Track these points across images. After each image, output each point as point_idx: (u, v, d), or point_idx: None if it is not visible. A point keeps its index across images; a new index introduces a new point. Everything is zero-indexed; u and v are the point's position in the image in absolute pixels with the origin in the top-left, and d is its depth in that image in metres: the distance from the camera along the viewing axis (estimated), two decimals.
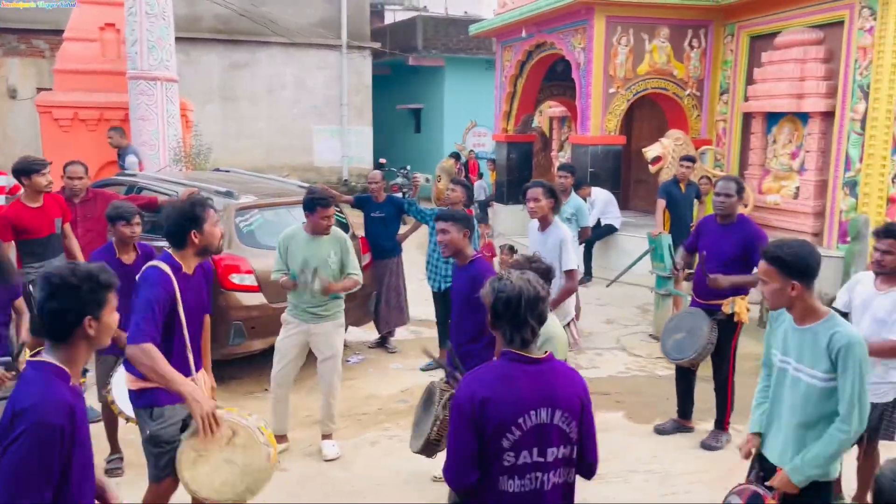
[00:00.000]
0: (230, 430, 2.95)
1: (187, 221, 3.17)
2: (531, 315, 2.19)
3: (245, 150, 15.83)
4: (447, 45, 18.30)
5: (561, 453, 2.21)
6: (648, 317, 7.87)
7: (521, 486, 2.18)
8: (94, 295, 2.05)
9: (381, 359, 6.71)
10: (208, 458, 2.91)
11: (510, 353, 2.22)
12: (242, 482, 2.90)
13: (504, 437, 2.14)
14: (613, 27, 9.89)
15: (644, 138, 11.76)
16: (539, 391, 2.17)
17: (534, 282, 2.23)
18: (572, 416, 2.21)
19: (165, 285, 3.09)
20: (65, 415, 1.94)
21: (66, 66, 9.85)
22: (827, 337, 2.66)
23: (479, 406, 2.13)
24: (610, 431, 5.10)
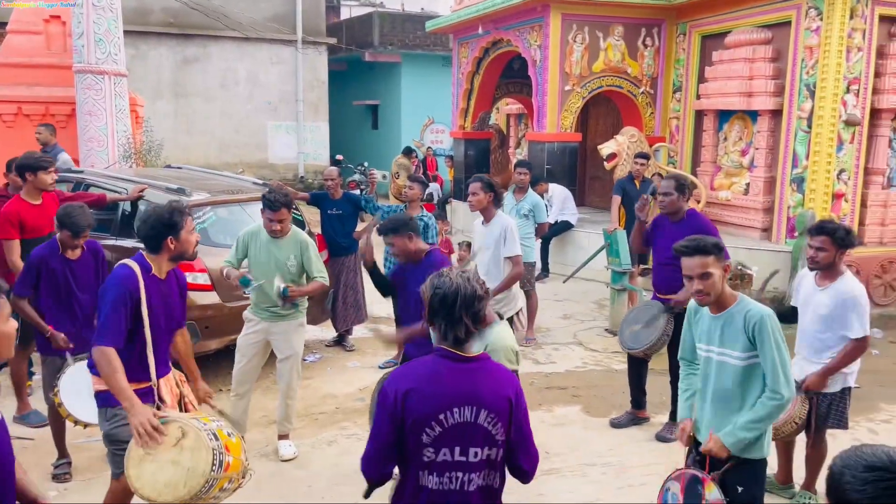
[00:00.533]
0: (180, 432, 2.90)
1: (165, 228, 3.17)
2: (466, 313, 2.16)
3: (198, 146, 15.54)
4: (404, 41, 18.23)
5: (485, 454, 2.17)
6: (605, 312, 7.97)
7: (440, 483, 2.15)
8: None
9: (338, 357, 6.65)
10: (155, 457, 2.88)
11: (441, 349, 2.20)
12: (185, 485, 2.84)
13: (424, 433, 2.12)
14: (569, 25, 9.97)
15: (599, 135, 11.91)
16: (463, 389, 2.15)
17: (472, 280, 2.21)
18: (498, 418, 2.17)
19: (131, 286, 3.10)
20: None
21: (9, 59, 9.51)
22: (742, 317, 2.88)
23: (401, 398, 2.12)
24: (567, 425, 5.15)
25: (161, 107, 14.89)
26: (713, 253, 2.89)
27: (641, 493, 4.21)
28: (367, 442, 2.22)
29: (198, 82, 15.84)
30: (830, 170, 8.00)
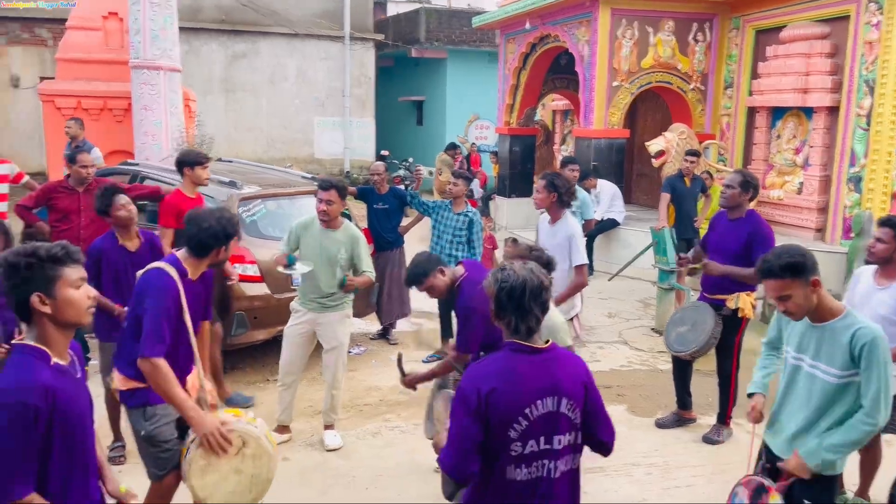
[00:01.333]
0: (240, 440, 2.94)
1: (224, 238, 3.15)
2: (535, 304, 2.19)
3: (247, 141, 15.82)
4: (450, 36, 18.23)
5: (567, 440, 2.23)
6: (650, 311, 7.87)
7: (528, 473, 2.19)
8: (36, 271, 2.03)
9: (382, 350, 6.71)
10: (218, 467, 2.90)
11: (513, 343, 2.22)
12: (251, 492, 2.89)
13: (511, 428, 2.15)
14: (618, 20, 9.85)
15: (648, 132, 11.74)
16: (544, 381, 2.18)
17: (536, 271, 2.24)
18: (577, 403, 2.23)
19: (172, 292, 3.03)
20: (39, 395, 1.97)
21: (69, 54, 9.82)
22: (848, 334, 2.66)
23: (484, 399, 2.13)
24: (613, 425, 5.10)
25: (212, 102, 15.20)
26: (786, 276, 2.64)
27: (687, 495, 4.16)
28: (447, 444, 2.22)
29: (247, 78, 16.12)
30: (890, 169, 7.73)
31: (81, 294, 2.10)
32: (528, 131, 13.09)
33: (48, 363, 2.05)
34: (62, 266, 2.07)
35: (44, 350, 2.06)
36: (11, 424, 1.92)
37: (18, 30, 14.16)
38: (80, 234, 5.48)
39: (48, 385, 1.99)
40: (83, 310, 2.11)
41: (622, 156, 10.60)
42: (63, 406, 2.02)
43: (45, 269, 2.04)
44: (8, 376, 2.01)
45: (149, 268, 3.13)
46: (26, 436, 1.94)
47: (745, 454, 3.14)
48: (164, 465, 3.13)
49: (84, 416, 2.13)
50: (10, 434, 1.92)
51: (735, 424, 4.94)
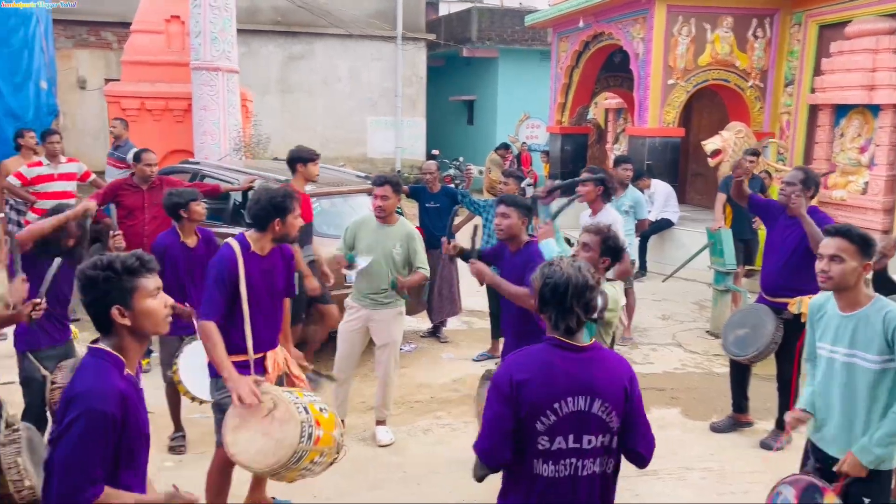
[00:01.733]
0: (272, 403, 3.03)
1: (274, 210, 3.34)
2: (578, 303, 2.17)
3: (301, 140, 15.83)
4: (502, 36, 18.20)
5: (599, 442, 2.20)
6: (706, 313, 7.72)
7: (556, 470, 2.18)
8: (114, 284, 2.04)
9: (433, 348, 6.75)
10: (248, 426, 3.02)
11: (553, 339, 2.22)
12: (274, 455, 2.96)
13: (538, 421, 2.15)
14: (674, 17, 9.68)
15: (703, 131, 11.50)
16: (577, 379, 2.17)
17: (584, 270, 2.22)
18: (613, 406, 2.19)
19: (230, 265, 3.30)
20: (116, 403, 1.99)
21: (134, 57, 10.15)
22: (880, 318, 2.71)
23: (516, 387, 2.15)
24: (665, 428, 5.03)
25: (268, 102, 15.50)
26: (857, 243, 2.74)
27: (744, 501, 4.07)
28: (481, 430, 2.25)
29: (302, 78, 16.39)
30: None
31: (158, 303, 2.12)
32: (580, 130, 12.97)
33: (122, 372, 2.08)
34: (138, 277, 2.08)
35: (120, 359, 2.08)
36: (88, 431, 1.94)
37: (85, 33, 14.70)
38: (144, 230, 5.69)
39: (123, 393, 2.02)
40: (161, 319, 2.14)
41: (677, 155, 10.42)
42: (132, 415, 2.06)
43: (122, 281, 2.05)
44: (86, 380, 2.02)
45: (222, 244, 3.42)
46: (102, 441, 1.97)
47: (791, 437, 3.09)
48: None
49: (145, 427, 2.17)
50: (88, 439, 1.94)
51: (795, 431, 4.80)
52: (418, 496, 4.09)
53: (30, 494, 2.79)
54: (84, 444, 1.94)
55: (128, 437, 2.06)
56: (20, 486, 2.79)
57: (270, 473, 3.07)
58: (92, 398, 1.97)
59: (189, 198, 4.44)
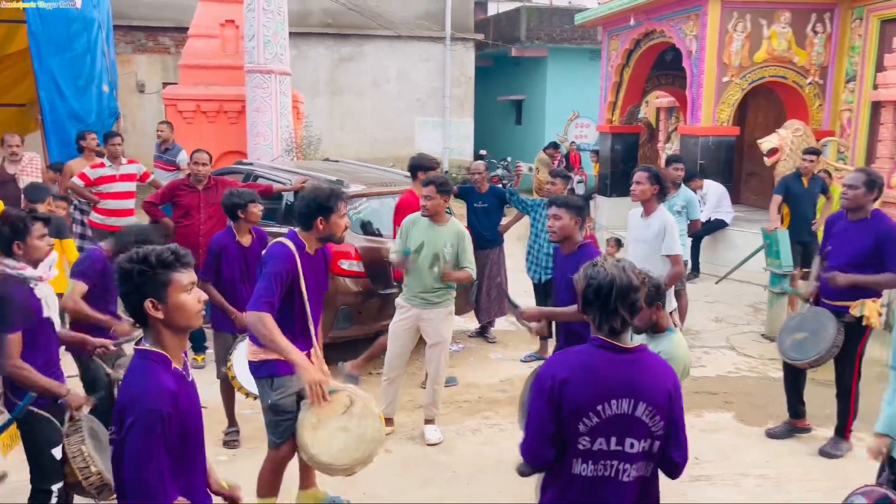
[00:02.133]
0: (348, 399, 3.07)
1: (319, 209, 3.35)
2: (622, 304, 2.14)
3: (351, 141, 16.25)
4: (551, 35, 18.07)
5: (642, 446, 2.16)
6: (761, 316, 7.53)
7: (595, 471, 2.16)
8: (148, 278, 2.06)
9: (481, 348, 6.75)
10: (327, 424, 3.04)
11: (597, 339, 2.19)
12: (357, 450, 3.00)
13: (580, 422, 2.13)
14: (729, 13, 9.46)
15: (759, 129, 11.21)
16: (622, 381, 2.14)
17: (629, 270, 2.18)
18: (657, 411, 2.16)
19: (288, 261, 3.28)
20: (167, 401, 2.03)
21: (190, 61, 10.43)
22: None
23: (558, 386, 2.14)
24: (718, 432, 4.93)
25: (319, 104, 15.71)
26: None
27: None
28: (525, 429, 2.26)
29: (352, 80, 16.57)
30: None
31: (192, 298, 2.12)
32: (630, 129, 12.79)
33: (169, 368, 2.10)
34: (172, 271, 2.08)
35: (164, 355, 2.11)
36: (147, 434, 1.98)
37: (144, 38, 15.14)
38: (200, 229, 5.84)
39: (173, 390, 2.06)
40: (193, 314, 2.13)
41: (731, 154, 10.18)
42: (184, 410, 2.09)
43: (156, 275, 2.06)
44: (136, 383, 2.06)
45: (270, 243, 3.40)
46: (161, 442, 2.00)
47: (865, 469, 2.96)
48: (282, 434, 3.33)
49: (198, 419, 2.20)
50: (149, 444, 1.98)
51: (855, 438, 4.65)
52: (467, 496, 4.09)
53: (97, 480, 2.90)
54: (147, 449, 1.97)
55: (181, 429, 2.10)
56: (87, 472, 2.90)
57: (348, 471, 3.08)
58: (144, 400, 2.01)
59: (248, 199, 4.54)
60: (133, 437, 1.98)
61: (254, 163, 7.61)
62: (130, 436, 1.98)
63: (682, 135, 10.82)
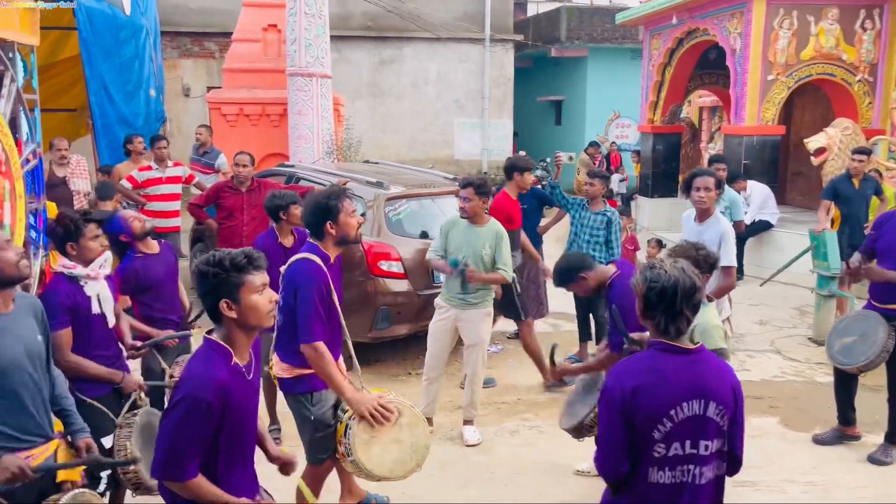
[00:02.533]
0: (396, 411, 3.08)
1: (323, 213, 3.26)
2: (687, 305, 2.13)
3: (391, 143, 16.36)
4: (591, 34, 17.93)
5: (715, 446, 2.15)
6: (807, 319, 7.35)
7: (672, 477, 2.14)
8: (222, 280, 2.19)
9: (519, 350, 6.70)
10: (380, 439, 3.02)
11: (661, 343, 2.17)
12: (412, 459, 3.01)
13: (655, 429, 2.11)
14: (775, 10, 9.27)
15: (806, 128, 10.96)
16: (691, 382, 2.13)
17: (688, 271, 2.17)
18: (726, 409, 2.15)
19: (320, 278, 3.20)
20: (214, 392, 2.14)
21: (234, 65, 10.61)
22: None
23: (629, 397, 2.11)
24: (763, 437, 4.83)
25: (359, 106, 15.85)
26: None
27: None
28: (598, 444, 2.23)
29: (392, 82, 16.68)
30: None
31: (264, 299, 2.26)
32: (672, 129, 12.62)
33: (228, 362, 2.23)
34: (245, 274, 2.22)
35: (228, 349, 2.24)
36: (187, 415, 2.12)
37: (189, 43, 15.48)
38: (243, 230, 5.95)
39: (224, 383, 2.17)
40: (265, 314, 2.26)
41: (776, 154, 9.98)
42: (235, 404, 2.20)
43: (230, 277, 2.20)
44: (193, 368, 2.23)
45: (293, 259, 3.32)
46: (199, 426, 2.13)
47: None
48: (326, 449, 3.27)
49: (251, 414, 2.32)
50: (185, 423, 2.12)
51: None
52: (505, 497, 4.09)
53: (134, 477, 2.98)
54: (181, 426, 2.13)
55: (229, 425, 2.19)
56: (125, 468, 2.98)
57: (403, 478, 3.09)
58: (193, 384, 2.16)
59: (289, 200, 4.61)
60: (174, 413, 2.14)
61: (295, 165, 7.72)
62: (172, 411, 2.15)
63: (725, 134, 10.64)
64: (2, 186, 3.93)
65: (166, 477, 2.17)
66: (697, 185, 4.50)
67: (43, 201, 4.75)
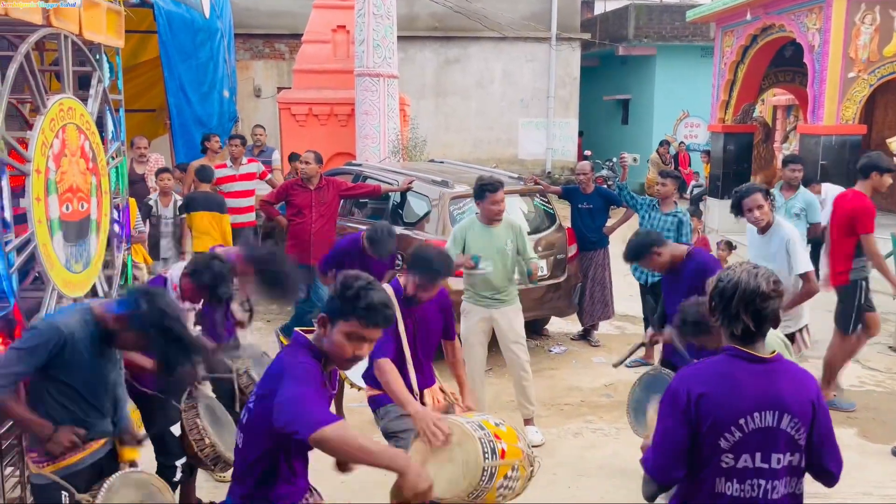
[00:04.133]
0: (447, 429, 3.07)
1: (441, 273, 3.43)
2: (744, 310, 2.04)
3: (455, 143, 16.44)
4: (660, 32, 17.59)
5: (787, 460, 2.06)
6: (889, 327, 7.03)
7: (741, 490, 2.06)
8: (348, 305, 2.16)
9: (583, 351, 6.67)
10: (434, 458, 2.97)
11: (733, 349, 2.10)
12: (465, 478, 2.91)
13: (722, 438, 2.04)
14: (856, 4, 8.89)
15: (889, 127, 10.51)
16: (764, 392, 2.04)
17: (760, 276, 2.06)
18: (802, 422, 2.05)
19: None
20: (318, 379, 2.17)
21: (303, 66, 10.86)
22: None
23: (694, 401, 2.05)
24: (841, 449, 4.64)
25: (424, 106, 15.98)
26: None
27: None
28: (653, 443, 2.17)
29: (457, 82, 16.74)
30: None
31: (352, 349, 2.18)
32: (744, 128, 12.25)
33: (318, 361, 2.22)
34: (370, 326, 2.15)
35: (317, 348, 2.23)
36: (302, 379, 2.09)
37: (261, 45, 15.92)
38: (311, 227, 6.09)
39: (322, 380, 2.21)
40: (343, 360, 2.22)
41: (856, 155, 9.52)
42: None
43: (355, 308, 2.14)
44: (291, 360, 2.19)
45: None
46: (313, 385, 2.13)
47: None
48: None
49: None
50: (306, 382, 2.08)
51: None
52: (568, 498, 4.06)
53: (211, 452, 3.13)
54: (303, 389, 2.06)
55: None
56: (202, 444, 3.11)
57: (469, 499, 2.98)
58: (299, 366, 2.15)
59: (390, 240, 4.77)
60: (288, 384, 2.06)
61: (362, 164, 7.85)
62: (285, 385, 2.06)
63: (801, 134, 10.27)
64: (89, 182, 4.14)
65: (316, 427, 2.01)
66: (749, 207, 4.33)
67: (125, 197, 4.98)
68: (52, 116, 3.71)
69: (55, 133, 3.76)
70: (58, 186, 3.78)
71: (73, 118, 3.95)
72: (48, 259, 3.67)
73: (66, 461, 2.59)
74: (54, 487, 2.57)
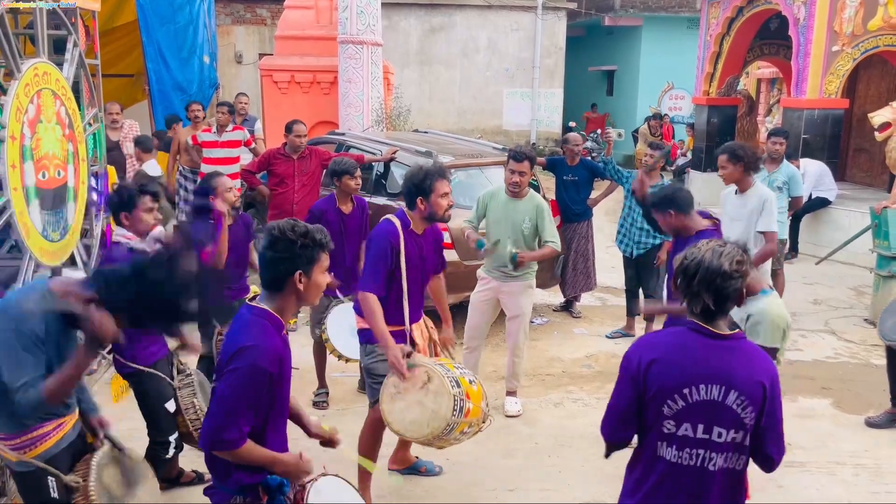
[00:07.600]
0: (426, 376, 3.15)
1: (416, 188, 3.45)
2: (706, 289, 2.06)
3: (439, 112, 16.31)
4: (646, 3, 17.49)
5: (731, 437, 2.09)
6: (864, 300, 7.15)
7: (678, 457, 2.12)
8: (306, 251, 2.19)
9: (565, 322, 6.71)
10: (404, 396, 3.18)
11: (693, 323, 2.14)
12: (428, 426, 3.08)
13: (665, 405, 2.10)
14: None
15: (870, 102, 10.54)
16: (714, 367, 2.08)
17: (724, 257, 2.07)
18: (750, 402, 2.07)
19: (392, 239, 3.42)
20: (275, 362, 2.17)
21: (285, 32, 10.68)
22: None
23: (644, 367, 2.11)
24: (814, 419, 4.75)
25: (408, 74, 15.81)
26: None
27: None
28: (608, 405, 2.25)
29: (441, 51, 16.55)
30: None
31: (325, 279, 2.29)
32: (728, 101, 12.26)
33: (280, 332, 2.24)
34: (323, 251, 2.24)
35: (280, 320, 2.24)
36: (248, 382, 2.12)
37: (242, 10, 15.61)
38: (294, 197, 6.04)
39: (280, 353, 2.20)
40: (320, 293, 2.31)
41: (839, 128, 9.62)
42: (286, 371, 2.25)
43: (313, 251, 2.20)
44: (252, 336, 2.16)
45: (382, 219, 3.54)
46: (256, 394, 2.14)
47: None
48: (375, 395, 3.48)
49: (289, 373, 2.32)
50: (243, 390, 2.11)
51: None
52: (550, 466, 4.12)
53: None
54: (240, 392, 2.12)
55: (280, 392, 2.25)
56: (197, 424, 3.11)
57: (422, 442, 3.22)
58: (257, 354, 2.13)
59: (343, 170, 4.68)
60: (233, 378, 2.12)
61: (346, 133, 7.76)
62: (231, 377, 2.12)
63: (784, 107, 10.30)
64: (66, 149, 4.06)
65: (217, 445, 2.14)
66: (719, 163, 4.65)
67: (103, 164, 4.90)
68: (26, 81, 3.62)
69: (30, 98, 3.67)
70: (33, 153, 3.71)
71: (48, 83, 3.85)
72: (24, 227, 3.62)
73: (44, 445, 2.49)
74: (39, 473, 2.51)
